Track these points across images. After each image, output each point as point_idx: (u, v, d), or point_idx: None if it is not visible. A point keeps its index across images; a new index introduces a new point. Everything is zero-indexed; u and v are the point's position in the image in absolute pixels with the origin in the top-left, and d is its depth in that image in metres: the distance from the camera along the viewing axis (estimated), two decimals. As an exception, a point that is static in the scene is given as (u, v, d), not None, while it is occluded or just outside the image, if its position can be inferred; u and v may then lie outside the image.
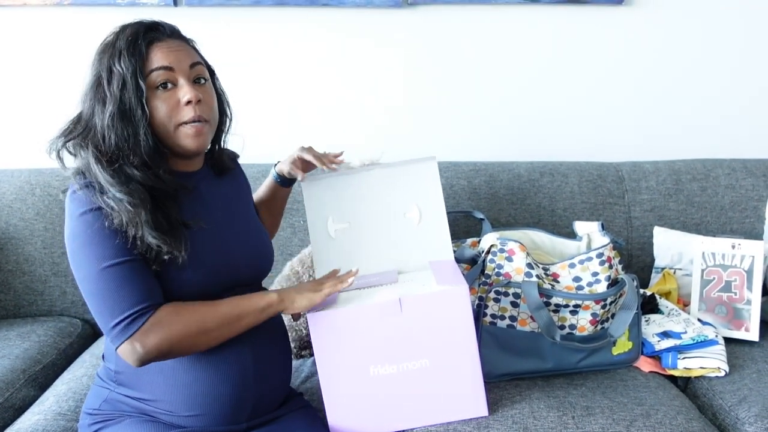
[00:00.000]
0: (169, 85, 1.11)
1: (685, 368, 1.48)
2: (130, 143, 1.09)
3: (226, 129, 1.27)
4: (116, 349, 1.07)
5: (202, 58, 1.20)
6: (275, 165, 1.44)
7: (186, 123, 1.11)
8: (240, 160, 1.40)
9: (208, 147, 1.22)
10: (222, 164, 1.29)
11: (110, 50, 1.10)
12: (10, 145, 1.97)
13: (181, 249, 1.08)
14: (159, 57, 1.10)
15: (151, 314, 1.06)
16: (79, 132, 1.11)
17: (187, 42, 1.18)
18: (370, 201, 1.41)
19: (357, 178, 1.42)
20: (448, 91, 2.04)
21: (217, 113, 1.20)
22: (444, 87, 2.04)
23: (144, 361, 1.06)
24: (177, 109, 1.11)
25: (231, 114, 1.27)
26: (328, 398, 1.23)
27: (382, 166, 1.42)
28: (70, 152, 1.13)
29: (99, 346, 1.62)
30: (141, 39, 1.10)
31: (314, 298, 1.16)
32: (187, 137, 1.12)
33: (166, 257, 1.07)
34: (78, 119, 1.13)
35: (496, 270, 1.42)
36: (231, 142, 1.32)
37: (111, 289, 1.05)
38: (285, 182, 1.43)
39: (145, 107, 1.09)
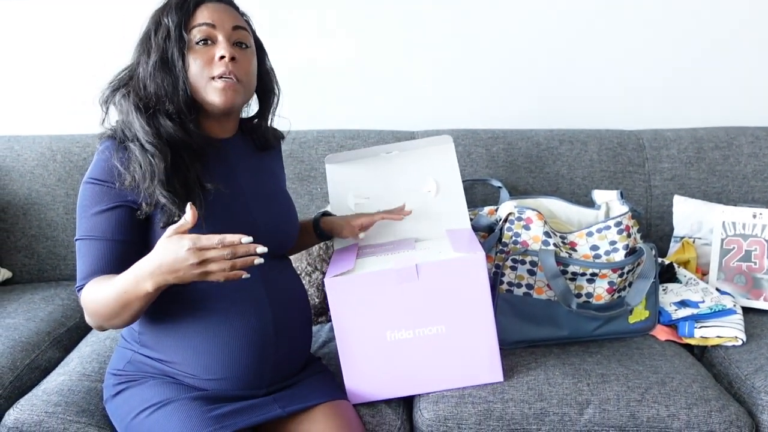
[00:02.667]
0: (209, 42, 1.14)
1: (701, 337, 1.48)
2: (168, 91, 1.12)
3: (274, 107, 1.29)
4: None
5: (253, 33, 1.23)
6: (321, 215, 1.41)
7: (216, 77, 1.12)
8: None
9: (241, 114, 1.25)
10: (265, 140, 1.30)
11: (162, 7, 1.16)
12: (32, 112, 1.99)
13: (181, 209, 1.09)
14: (204, 14, 1.14)
15: (81, 291, 1.12)
16: (124, 81, 1.16)
17: (238, 10, 1.21)
18: (390, 180, 1.45)
19: (377, 161, 1.45)
20: (467, 58, 2.01)
21: (255, 80, 1.21)
22: (462, 54, 2.01)
23: (100, 330, 1.17)
24: (211, 64, 1.13)
25: (279, 92, 1.28)
26: (345, 363, 1.25)
27: (401, 149, 1.46)
28: (115, 105, 1.16)
29: (121, 310, 1.65)
30: None
31: (197, 274, 0.98)
32: (215, 91, 1.13)
33: (176, 219, 1.08)
34: (125, 69, 1.18)
35: (514, 238, 1.42)
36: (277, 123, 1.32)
37: (78, 258, 1.13)
38: (322, 235, 1.42)
39: (186, 59, 1.13)
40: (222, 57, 1.12)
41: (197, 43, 1.13)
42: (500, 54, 2.02)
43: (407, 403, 1.32)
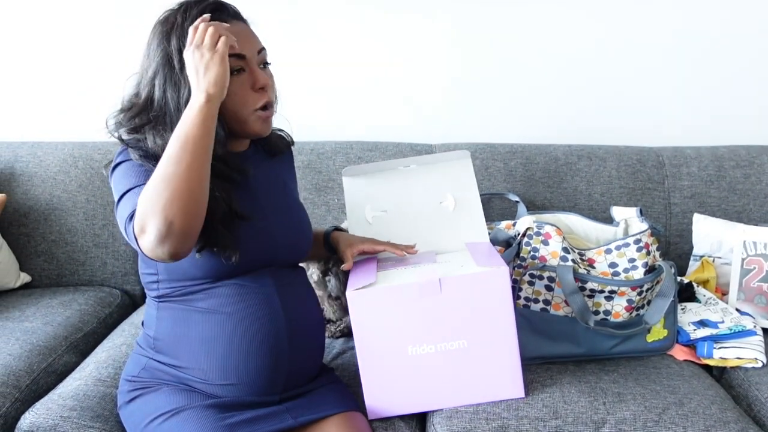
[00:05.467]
0: (239, 71, 1.11)
1: (720, 358, 1.46)
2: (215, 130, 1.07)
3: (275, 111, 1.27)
4: (150, 258, 1.02)
5: None
6: (332, 229, 1.42)
7: (259, 109, 1.12)
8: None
9: None
10: (274, 146, 1.30)
11: (178, 31, 1.08)
12: (55, 118, 2.01)
13: (235, 248, 1.09)
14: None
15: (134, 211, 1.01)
16: (152, 117, 1.10)
17: (248, 24, 1.18)
18: (407, 193, 1.44)
19: (395, 174, 1.45)
20: (486, 72, 2.02)
21: None
22: (482, 68, 2.01)
23: (168, 250, 0.98)
24: (250, 96, 1.12)
25: (277, 97, 1.26)
26: (365, 377, 1.23)
27: (419, 164, 1.45)
28: (140, 139, 1.11)
29: (138, 316, 1.66)
30: None
31: (216, 59, 1.02)
32: (261, 122, 1.14)
33: (215, 250, 1.09)
34: (147, 104, 1.11)
35: (532, 253, 1.41)
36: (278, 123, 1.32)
37: (127, 201, 1.05)
38: (332, 249, 1.41)
39: None
40: (262, 87, 1.12)
41: (230, 74, 1.08)
42: (519, 68, 2.02)
43: (420, 418, 1.31)
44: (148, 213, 0.97)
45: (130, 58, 1.18)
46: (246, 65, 1.12)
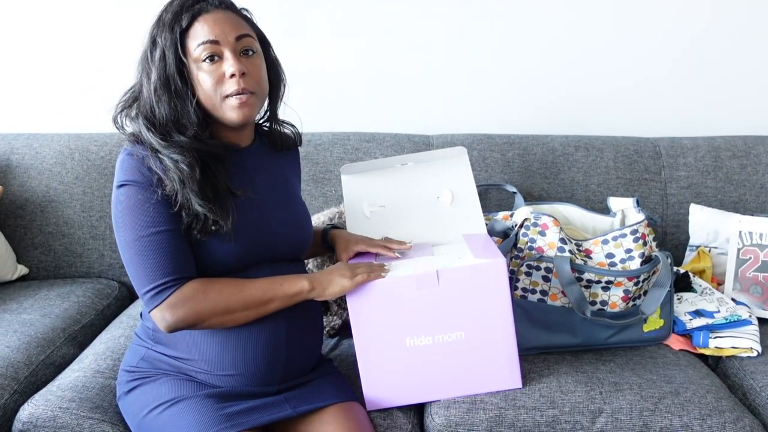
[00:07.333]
0: (215, 58, 1.11)
1: (716, 347, 1.47)
2: (179, 114, 1.11)
3: (281, 96, 1.27)
4: (149, 313, 1.11)
5: (255, 28, 1.20)
6: (330, 227, 1.44)
7: (231, 95, 1.12)
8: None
9: (256, 118, 1.25)
10: (281, 139, 1.30)
11: (158, 22, 1.13)
12: (51, 110, 2.01)
13: (227, 218, 1.10)
14: (205, 30, 1.11)
15: (178, 288, 1.08)
16: (131, 102, 1.15)
17: (237, 12, 1.18)
18: (405, 188, 1.45)
19: (392, 171, 1.46)
20: (483, 64, 2.01)
21: (267, 84, 1.20)
22: (479, 59, 2.01)
23: (171, 330, 1.10)
24: (222, 82, 1.12)
25: (285, 81, 1.26)
26: (363, 368, 1.24)
27: (417, 162, 1.47)
28: (126, 126, 1.16)
29: (136, 308, 1.66)
30: (185, 12, 1.11)
31: (346, 285, 1.17)
32: (232, 109, 1.12)
33: (213, 227, 1.10)
34: (130, 89, 1.17)
35: (529, 244, 1.42)
36: (286, 115, 1.32)
37: (144, 257, 1.08)
38: (330, 248, 1.42)
39: (188, 80, 1.11)
40: (232, 75, 1.11)
41: (203, 60, 1.11)
42: (517, 59, 2.01)
43: (418, 408, 1.32)
44: (199, 320, 1.10)
45: (125, 51, 1.18)
46: (220, 52, 1.12)
